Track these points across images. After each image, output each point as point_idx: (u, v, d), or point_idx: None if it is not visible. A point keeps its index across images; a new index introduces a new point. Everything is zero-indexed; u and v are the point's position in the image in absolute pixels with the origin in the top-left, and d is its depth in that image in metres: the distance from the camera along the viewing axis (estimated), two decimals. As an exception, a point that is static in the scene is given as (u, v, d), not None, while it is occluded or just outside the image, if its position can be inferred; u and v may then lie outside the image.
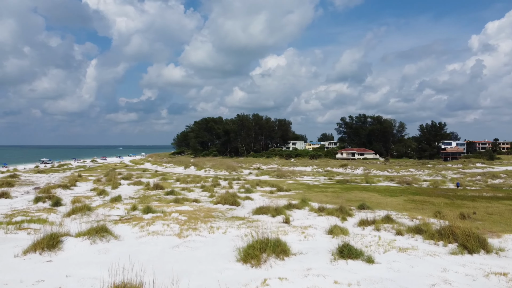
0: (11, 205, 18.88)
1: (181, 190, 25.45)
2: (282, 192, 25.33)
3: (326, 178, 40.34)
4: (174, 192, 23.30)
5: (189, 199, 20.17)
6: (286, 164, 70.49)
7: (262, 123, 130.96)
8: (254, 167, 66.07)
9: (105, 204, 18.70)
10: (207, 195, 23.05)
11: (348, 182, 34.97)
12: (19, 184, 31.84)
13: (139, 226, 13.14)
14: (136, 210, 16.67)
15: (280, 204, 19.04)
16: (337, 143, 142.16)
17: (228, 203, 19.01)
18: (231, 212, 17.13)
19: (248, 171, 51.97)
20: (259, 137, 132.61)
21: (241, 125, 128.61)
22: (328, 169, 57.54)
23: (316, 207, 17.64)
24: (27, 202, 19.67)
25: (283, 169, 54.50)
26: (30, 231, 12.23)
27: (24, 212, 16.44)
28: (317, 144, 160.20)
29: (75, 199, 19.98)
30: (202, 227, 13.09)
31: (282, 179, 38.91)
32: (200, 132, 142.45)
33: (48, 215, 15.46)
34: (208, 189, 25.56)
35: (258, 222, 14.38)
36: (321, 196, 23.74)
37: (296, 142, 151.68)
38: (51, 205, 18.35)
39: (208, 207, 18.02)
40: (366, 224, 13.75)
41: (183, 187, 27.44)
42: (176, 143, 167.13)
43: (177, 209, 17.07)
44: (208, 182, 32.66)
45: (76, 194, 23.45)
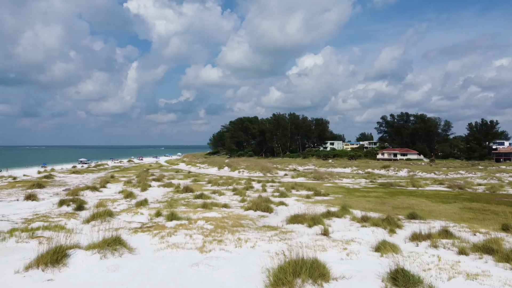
0: (35, 208, 18.46)
1: (211, 194, 24.31)
2: (320, 196, 23.56)
3: (367, 180, 37.93)
4: (203, 196, 22.18)
5: (218, 204, 18.92)
6: (324, 165, 68.12)
7: (298, 122, 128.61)
8: (290, 168, 64.27)
9: (129, 208, 17.82)
10: (238, 199, 21.73)
11: (392, 185, 32.51)
12: (51, 185, 32.09)
13: (159, 236, 11.98)
14: (160, 216, 15.60)
15: (318, 211, 17.35)
16: (377, 143, 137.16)
17: (260, 209, 17.56)
18: (263, 220, 15.66)
19: (284, 173, 50.32)
20: (295, 137, 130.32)
21: (277, 124, 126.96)
22: (369, 171, 54.71)
23: (359, 215, 15.79)
24: (51, 205, 19.20)
25: (321, 171, 52.32)
26: (42, 240, 11.38)
27: (44, 217, 15.82)
28: (355, 144, 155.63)
29: (100, 202, 19.28)
30: (229, 238, 11.72)
31: (319, 182, 36.98)
32: (235, 132, 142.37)
33: (68, 221, 14.70)
34: (240, 192, 24.26)
35: (293, 233, 12.83)
36: (363, 202, 21.74)
37: (334, 142, 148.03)
38: (74, 209, 17.73)
39: (238, 214, 16.66)
40: (419, 238, 11.82)
41: (214, 190, 26.33)
42: (212, 143, 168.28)
43: (204, 216, 15.84)
44: (241, 184, 31.40)
45: (103, 197, 22.91)
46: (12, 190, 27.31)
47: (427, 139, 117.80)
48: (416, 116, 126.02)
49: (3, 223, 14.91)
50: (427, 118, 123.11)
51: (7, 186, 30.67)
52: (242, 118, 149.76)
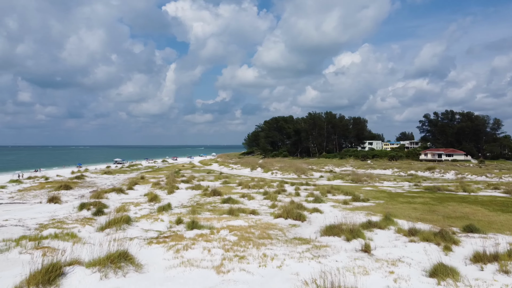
0: (54, 212, 17.85)
1: (240, 197, 22.96)
2: (359, 202, 21.58)
3: (410, 184, 35.24)
4: (231, 200, 20.86)
5: (246, 210, 17.50)
6: (362, 166, 65.20)
7: (335, 121, 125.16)
8: (326, 169, 61.94)
9: (150, 214, 16.76)
10: (269, 205, 20.22)
11: (439, 190, 29.79)
12: (80, 186, 32.01)
13: (174, 249, 10.71)
14: (181, 224, 14.39)
15: (357, 220, 15.51)
16: (419, 142, 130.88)
17: (291, 217, 15.97)
18: (294, 230, 14.05)
19: (319, 174, 48.24)
20: (332, 137, 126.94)
21: (312, 124, 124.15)
22: (412, 173, 51.49)
23: (405, 227, 13.83)
24: (72, 209, 18.56)
25: (359, 172, 49.79)
26: (47, 252, 10.40)
27: (60, 222, 15.04)
28: (395, 143, 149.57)
29: (121, 207, 18.42)
30: (252, 254, 10.25)
31: (358, 185, 34.74)
32: (270, 131, 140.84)
33: (82, 228, 13.80)
34: (271, 196, 22.73)
35: (327, 248, 11.16)
36: (408, 209, 19.57)
37: (373, 141, 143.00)
38: (93, 213, 16.92)
39: (266, 222, 15.15)
40: (484, 260, 9.81)
41: (243, 193, 24.97)
42: (247, 143, 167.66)
43: (229, 225, 14.46)
44: (273, 187, 29.85)
45: (127, 200, 22.14)
46: (40, 192, 27.28)
47: (474, 138, 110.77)
48: (462, 114, 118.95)
49: (17, 229, 14.26)
50: (475, 116, 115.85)
51: (36, 187, 30.86)
52: (277, 118, 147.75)
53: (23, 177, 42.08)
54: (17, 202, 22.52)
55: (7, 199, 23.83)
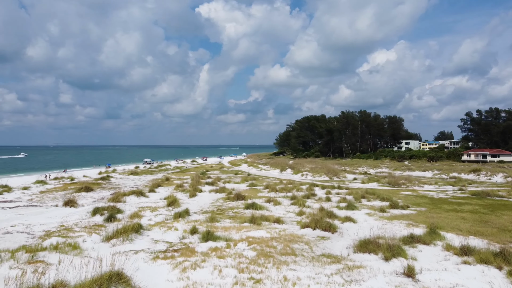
0: (66, 217, 17.00)
1: (265, 202, 21.42)
2: (397, 209, 19.50)
3: (454, 188, 32.43)
4: (255, 206, 19.36)
5: (269, 218, 15.92)
6: (399, 168, 61.95)
7: (369, 120, 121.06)
8: (360, 171, 59.23)
9: (164, 222, 15.54)
10: (296, 211, 18.55)
11: (488, 195, 26.99)
12: (102, 188, 31.53)
13: (181, 267, 9.34)
14: (196, 233, 13.04)
15: (396, 232, 13.61)
16: (460, 142, 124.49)
17: (320, 227, 14.26)
18: (323, 243, 12.35)
19: (353, 176, 45.86)
20: (366, 136, 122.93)
21: (346, 123, 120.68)
22: (455, 175, 48.05)
23: (455, 242, 11.82)
24: (85, 213, 17.66)
25: (396, 175, 46.99)
26: (39, 267, 9.31)
27: (67, 230, 14.07)
28: (434, 143, 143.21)
29: (135, 212, 17.37)
30: (271, 277, 8.70)
31: (395, 189, 32.33)
32: (301, 131, 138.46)
33: (88, 237, 12.71)
34: (299, 201, 21.05)
35: (362, 270, 9.43)
36: (455, 219, 17.33)
37: (409, 141, 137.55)
38: (105, 219, 15.89)
39: (291, 233, 13.53)
40: None
41: (269, 197, 23.42)
42: (278, 143, 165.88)
43: (248, 236, 12.97)
44: (302, 191, 28.09)
45: (145, 204, 21.12)
46: (61, 193, 26.87)
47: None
48: (508, 112, 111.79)
49: (21, 237, 13.41)
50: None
51: (59, 189, 30.63)
52: (309, 117, 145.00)
53: (50, 177, 42.46)
54: (34, 204, 22.03)
55: (25, 201, 23.44)
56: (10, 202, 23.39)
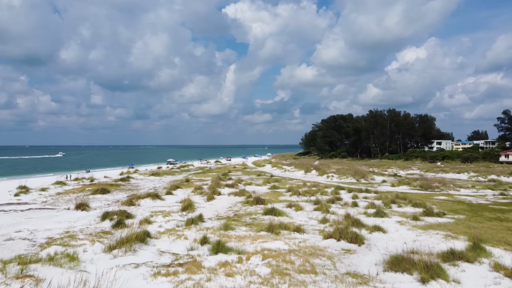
0: (74, 222, 16.26)
1: (286, 207, 20.11)
2: (432, 217, 17.76)
3: (495, 192, 30.01)
4: (274, 211, 18.08)
5: (289, 226, 14.61)
6: (431, 169, 59.04)
7: (399, 119, 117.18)
8: (389, 172, 56.76)
9: (174, 229, 14.52)
10: (319, 218, 17.13)
11: (534, 200, 24.66)
12: (119, 190, 31.00)
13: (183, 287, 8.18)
14: (206, 244, 11.92)
15: (433, 246, 12.04)
16: (496, 142, 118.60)
17: (345, 237, 12.86)
18: (348, 259, 10.94)
19: (381, 178, 43.73)
20: (395, 136, 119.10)
21: (374, 122, 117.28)
22: (493, 178, 45.06)
23: (505, 260, 10.22)
24: (95, 218, 16.90)
25: (428, 177, 44.50)
26: (26, 284, 8.43)
27: (70, 237, 13.26)
28: (467, 143, 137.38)
29: (147, 218, 16.45)
30: (285, 303, 7.42)
31: (428, 192, 30.25)
32: (327, 131, 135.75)
33: (91, 246, 11.82)
34: (323, 207, 19.60)
35: (394, 295, 8.00)
36: (501, 229, 15.47)
37: (441, 141, 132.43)
38: (113, 225, 15.03)
39: (312, 245, 12.18)
40: None
41: (291, 202, 22.07)
42: (304, 143, 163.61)
43: (264, 247, 11.73)
44: (326, 194, 26.57)
45: (159, 208, 20.22)
46: (77, 195, 26.43)
47: None
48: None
49: (21, 244, 12.67)
50: None
51: (76, 190, 30.30)
52: (335, 116, 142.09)
53: (71, 178, 42.55)
54: (47, 207, 21.54)
55: (39, 204, 23.03)
56: (25, 204, 23.06)
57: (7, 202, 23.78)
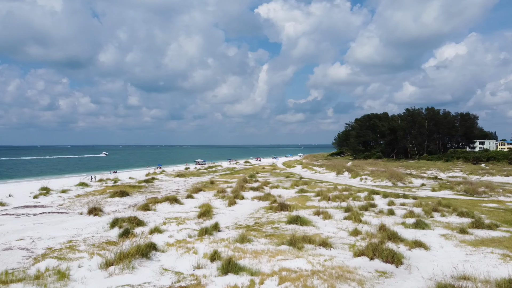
0: (82, 229, 15.24)
1: (313, 215, 18.37)
2: (483, 230, 15.49)
3: (551, 198, 26.93)
4: (299, 220, 16.39)
5: (314, 240, 12.91)
6: (475, 172, 55.20)
7: (438, 118, 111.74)
8: (429, 175, 53.36)
9: (185, 240, 13.16)
10: (349, 229, 15.28)
11: None
12: (140, 192, 30.17)
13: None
14: (216, 260, 10.43)
15: (489, 270, 10.03)
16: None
17: (380, 256, 11.04)
18: (383, 284, 9.18)
19: (420, 182, 40.87)
20: (434, 135, 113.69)
21: (411, 121, 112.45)
22: (547, 182, 41.27)
23: None
24: (104, 224, 15.84)
25: (473, 180, 41.23)
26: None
27: (71, 247, 12.20)
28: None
29: (157, 227, 15.15)
30: None
31: (474, 198, 27.54)
32: (361, 130, 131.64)
33: (88, 260, 10.68)
34: (354, 215, 17.70)
35: None
36: None
37: (484, 141, 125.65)
38: (120, 234, 13.84)
39: (340, 265, 10.45)
40: None
41: (319, 208, 20.28)
42: (337, 143, 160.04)
43: (283, 267, 10.14)
44: (359, 199, 24.52)
45: (175, 213, 18.99)
46: (96, 198, 25.72)
47: None
48: None
49: (17, 255, 11.67)
50: None
51: (97, 192, 29.73)
52: (370, 115, 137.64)
53: (95, 179, 42.42)
54: (61, 211, 20.83)
55: (55, 207, 22.41)
56: (41, 207, 22.50)
57: (24, 205, 23.34)
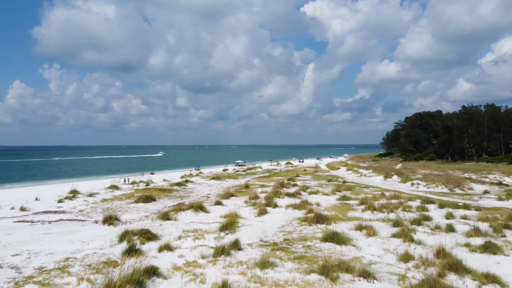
0: (87, 243, 13.76)
1: (354, 230, 15.84)
2: None
3: None
4: (337, 238, 13.96)
5: (353, 267, 10.49)
6: (546, 176, 49.39)
7: (499, 116, 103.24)
8: (491, 179, 48.27)
9: (196, 263, 11.21)
10: (398, 252, 12.64)
11: None
12: (168, 197, 28.80)
13: None
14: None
15: None
16: None
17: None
18: None
19: (482, 188, 36.55)
20: (494, 135, 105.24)
21: (468, 119, 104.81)
22: None
23: None
24: (112, 238, 14.23)
25: (545, 186, 36.40)
26: None
27: (62, 268, 10.65)
28: None
29: (168, 243, 13.34)
30: None
31: (550, 209, 23.59)
32: (412, 129, 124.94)
33: None
34: (405, 232, 14.96)
35: None
36: None
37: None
38: (123, 252, 12.11)
39: (385, 309, 8.00)
40: None
41: (363, 220, 17.66)
42: (385, 143, 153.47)
43: (308, 309, 7.86)
44: (410, 210, 21.45)
45: (196, 225, 17.14)
46: (120, 203, 24.62)
47: None
48: None
49: (2, 276, 10.25)
50: None
51: (124, 196, 28.73)
52: (421, 113, 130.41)
53: (128, 181, 41.88)
54: (78, 218, 19.69)
55: (74, 214, 21.39)
56: (61, 213, 21.59)
57: (45, 210, 22.55)
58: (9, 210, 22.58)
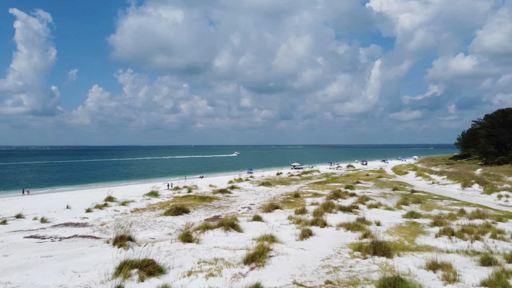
0: (79, 276, 11.38)
1: (425, 269, 11.94)
2: None
3: None
4: (401, 285, 10.20)
5: None
6: None
7: None
8: None
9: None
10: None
11: None
12: (206, 207, 26.20)
13: None
14: None
15: None
16: None
17: None
18: None
19: None
20: None
21: None
22: None
23: None
24: (110, 269, 11.66)
25: None
26: None
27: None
28: None
29: (169, 285, 10.49)
30: None
31: None
32: (493, 129, 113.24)
33: None
34: (499, 276, 10.88)
35: None
36: None
37: None
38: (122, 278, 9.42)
39: None
40: None
41: (438, 252, 13.67)
42: (461, 143, 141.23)
43: None
44: (503, 237, 16.67)
45: (220, 252, 14.15)
46: (149, 214, 22.42)
47: None
48: None
49: None
50: None
51: (158, 205, 26.65)
52: (505, 110, 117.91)
53: (171, 186, 40.21)
54: (93, 235, 17.63)
55: (94, 228, 19.42)
56: (82, 226, 19.81)
57: (66, 222, 20.91)
58: (30, 221, 21.26)
